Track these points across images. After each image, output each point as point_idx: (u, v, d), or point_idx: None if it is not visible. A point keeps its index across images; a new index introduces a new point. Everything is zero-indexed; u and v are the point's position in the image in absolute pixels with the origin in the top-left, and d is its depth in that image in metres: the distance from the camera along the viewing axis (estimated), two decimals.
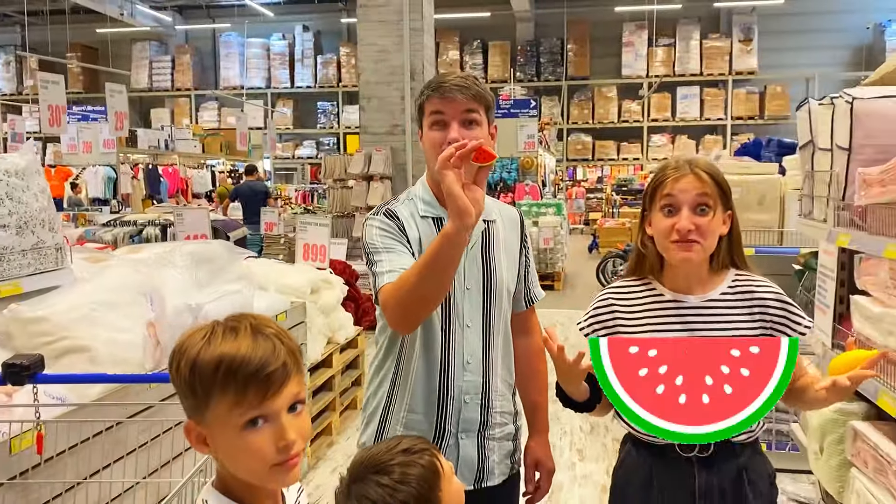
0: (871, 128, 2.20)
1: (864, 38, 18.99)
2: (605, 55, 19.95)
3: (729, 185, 1.61)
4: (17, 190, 2.32)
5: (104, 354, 2.28)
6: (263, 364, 0.98)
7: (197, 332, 1.02)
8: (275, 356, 1.00)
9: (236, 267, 3.67)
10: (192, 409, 1.02)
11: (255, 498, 1.05)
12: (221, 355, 0.97)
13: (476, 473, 1.70)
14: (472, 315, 1.72)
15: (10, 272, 2.30)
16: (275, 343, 1.01)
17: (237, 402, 0.98)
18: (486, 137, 1.69)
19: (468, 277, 1.72)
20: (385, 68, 8.01)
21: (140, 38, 22.17)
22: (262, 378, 0.99)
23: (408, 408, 1.71)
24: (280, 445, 0.99)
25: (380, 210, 1.76)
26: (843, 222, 2.24)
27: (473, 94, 1.67)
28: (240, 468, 1.02)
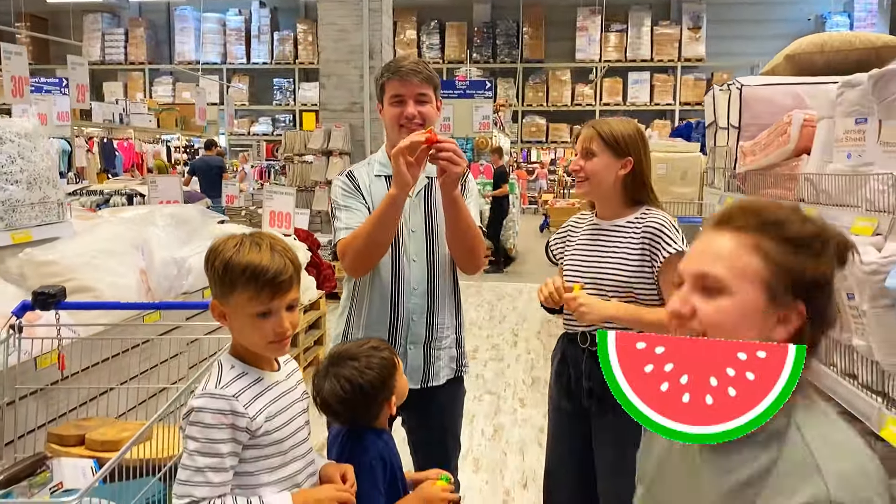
0: (756, 110, 2.67)
1: (805, 29, 19.75)
2: (559, 39, 20.39)
3: (624, 139, 2.08)
4: (27, 150, 2.64)
5: (106, 295, 2.63)
6: (276, 274, 1.39)
7: (230, 240, 1.43)
8: (285, 269, 1.41)
9: (211, 228, 4.02)
10: (219, 294, 1.42)
11: (257, 362, 1.47)
12: (248, 262, 1.38)
13: (422, 375, 2.13)
14: (418, 252, 2.15)
15: (21, 222, 2.63)
16: (285, 259, 1.42)
17: (253, 297, 1.39)
18: (433, 111, 2.14)
19: (413, 222, 2.15)
20: (344, 47, 8.31)
21: (92, 9, 21.82)
22: (275, 284, 1.39)
23: (365, 325, 2.14)
24: (277, 332, 1.41)
25: (343, 172, 2.24)
26: (732, 188, 2.71)
27: (425, 78, 2.11)
28: (246, 341, 1.44)
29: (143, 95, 21.37)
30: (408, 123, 2.07)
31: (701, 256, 1.09)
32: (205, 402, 1.36)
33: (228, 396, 1.37)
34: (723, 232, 1.08)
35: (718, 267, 1.06)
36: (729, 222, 1.08)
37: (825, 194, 1.97)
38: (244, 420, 1.36)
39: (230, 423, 1.35)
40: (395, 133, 2.10)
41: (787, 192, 2.28)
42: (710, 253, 1.08)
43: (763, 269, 1.05)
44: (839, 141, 1.89)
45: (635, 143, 2.09)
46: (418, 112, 2.08)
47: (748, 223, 1.06)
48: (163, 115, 16.10)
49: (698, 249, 1.11)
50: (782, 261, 1.04)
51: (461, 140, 12.35)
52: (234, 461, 1.37)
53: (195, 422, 1.35)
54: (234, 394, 1.37)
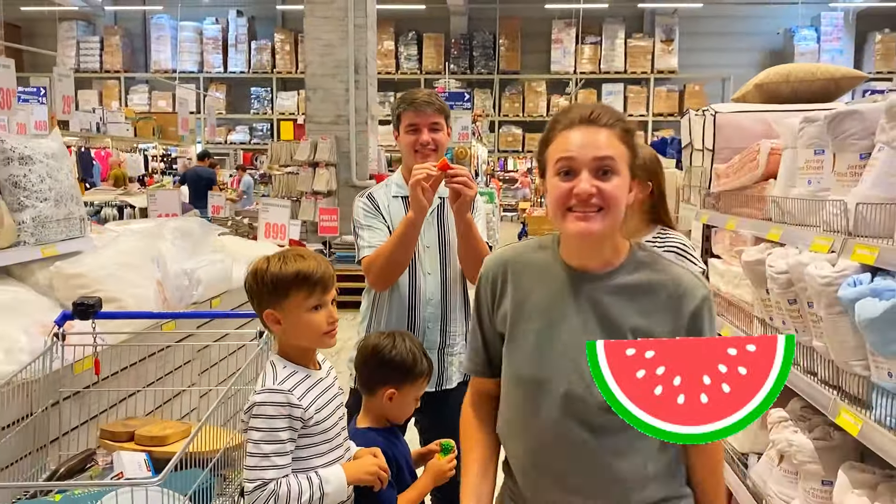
0: (728, 135, 2.93)
1: (775, 42, 20.34)
2: (535, 51, 20.76)
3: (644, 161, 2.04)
4: (54, 170, 2.83)
5: (130, 305, 2.81)
6: (322, 273, 1.67)
7: (270, 259, 1.71)
8: (327, 270, 1.70)
9: (212, 240, 4.20)
10: (272, 303, 1.67)
11: (304, 361, 1.70)
12: (298, 269, 1.65)
13: (437, 379, 2.35)
14: (432, 266, 2.39)
15: (49, 237, 2.81)
16: (323, 264, 1.72)
17: (308, 295, 1.67)
18: (445, 137, 2.41)
19: (428, 239, 2.39)
20: (330, 61, 8.52)
21: (67, 17, 21.75)
22: (323, 281, 1.68)
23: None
24: (329, 321, 1.70)
25: (363, 194, 2.50)
26: (707, 205, 2.98)
27: (437, 108, 2.38)
28: (303, 336, 1.70)
29: (118, 104, 21.33)
30: (422, 149, 2.32)
31: (593, 147, 1.36)
32: (265, 398, 1.59)
33: (285, 391, 1.62)
34: (598, 129, 1.37)
35: (611, 153, 1.36)
36: (597, 121, 1.38)
37: (789, 215, 2.23)
38: (299, 411, 1.60)
39: (287, 414, 1.59)
40: (410, 158, 2.36)
41: (757, 211, 2.54)
42: (598, 144, 1.36)
43: (627, 154, 1.39)
44: (801, 169, 2.15)
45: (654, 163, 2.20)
46: (432, 139, 2.33)
47: (613, 121, 1.39)
48: (140, 123, 16.11)
49: (584, 142, 1.37)
50: (632, 147, 1.40)
51: None
52: (292, 447, 1.60)
53: (258, 414, 1.58)
54: (289, 388, 1.61)
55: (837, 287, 1.71)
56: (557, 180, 1.38)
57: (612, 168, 1.36)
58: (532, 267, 1.50)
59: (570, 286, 1.44)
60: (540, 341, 1.44)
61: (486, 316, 1.54)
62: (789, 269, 1.98)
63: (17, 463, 2.15)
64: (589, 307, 1.42)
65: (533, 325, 1.45)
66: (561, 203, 1.38)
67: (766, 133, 2.74)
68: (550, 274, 1.47)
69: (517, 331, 1.47)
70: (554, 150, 1.41)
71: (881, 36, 19.04)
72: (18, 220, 2.70)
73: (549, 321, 1.44)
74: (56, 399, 2.25)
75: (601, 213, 1.36)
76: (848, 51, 19.53)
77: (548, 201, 1.45)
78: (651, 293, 1.43)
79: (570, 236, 1.41)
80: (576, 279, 1.44)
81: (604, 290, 1.43)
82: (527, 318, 1.46)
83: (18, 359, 2.20)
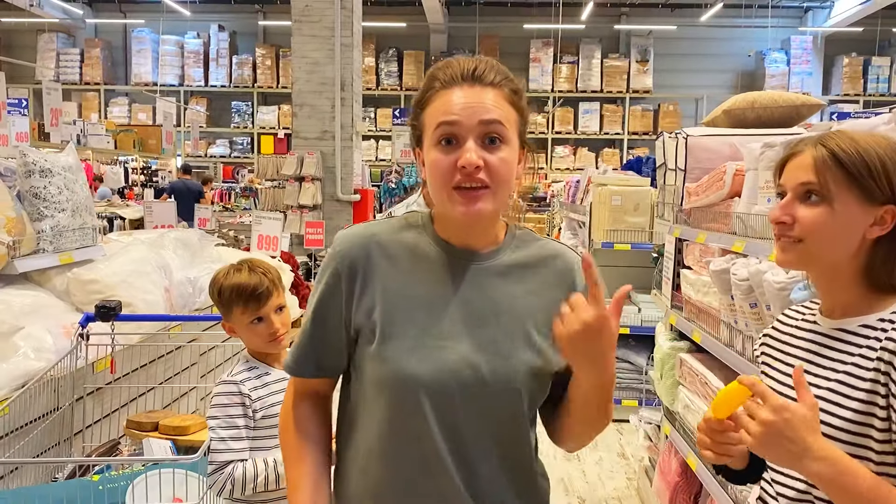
0: (698, 156, 3.19)
1: (747, 64, 20.89)
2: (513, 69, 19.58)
3: (886, 169, 1.18)
4: (71, 182, 3.01)
5: (141, 309, 2.99)
6: (255, 287, 1.88)
7: (222, 270, 1.94)
8: (261, 283, 1.89)
9: (210, 251, 4.39)
10: (224, 314, 1.91)
11: (269, 360, 1.94)
12: (233, 283, 1.88)
13: None
14: None
15: (66, 246, 2.99)
16: (259, 275, 1.90)
17: (244, 309, 1.88)
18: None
19: None
20: (317, 79, 8.73)
21: (47, 29, 21.75)
22: (256, 296, 1.88)
23: None
24: (270, 332, 1.90)
25: None
26: (679, 221, 3.23)
27: None
28: (251, 345, 1.93)
29: (98, 116, 21.32)
30: None
31: (479, 109, 1.17)
32: (220, 388, 1.84)
33: (237, 382, 1.84)
34: (483, 87, 1.20)
35: (500, 117, 1.19)
36: (482, 79, 1.20)
37: (751, 229, 2.48)
38: (248, 399, 1.83)
39: (241, 402, 1.82)
40: None
41: (723, 226, 2.79)
42: (485, 106, 1.18)
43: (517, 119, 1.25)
44: (761, 188, 2.40)
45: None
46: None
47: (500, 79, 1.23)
48: (120, 136, 16.16)
49: (468, 102, 1.17)
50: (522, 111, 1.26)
51: None
52: (248, 432, 1.82)
53: (215, 404, 1.82)
54: (240, 380, 1.84)
55: (790, 291, 1.95)
56: (437, 151, 1.18)
57: (501, 135, 1.18)
58: (402, 248, 1.26)
59: (451, 269, 1.24)
60: (422, 336, 1.21)
61: (338, 308, 1.26)
62: (750, 276, 2.22)
63: (44, 454, 2.32)
64: (476, 292, 1.24)
65: (411, 318, 1.22)
66: (446, 180, 1.17)
67: (732, 155, 3.00)
68: (426, 256, 1.26)
69: (391, 325, 1.22)
70: (432, 113, 1.20)
71: (848, 59, 19.69)
72: (38, 228, 2.87)
73: (430, 312, 1.23)
74: (80, 395, 2.43)
75: (488, 191, 1.17)
76: (817, 73, 20.15)
77: (428, 177, 1.21)
78: (538, 269, 1.29)
79: (455, 218, 1.21)
80: (457, 261, 1.25)
81: (491, 271, 1.26)
82: (402, 310, 1.23)
83: (46, 357, 2.38)
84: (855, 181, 1.17)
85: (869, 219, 1.18)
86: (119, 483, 1.87)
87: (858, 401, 1.15)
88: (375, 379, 1.23)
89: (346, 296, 1.25)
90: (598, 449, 4.83)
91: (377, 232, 1.28)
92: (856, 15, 17.97)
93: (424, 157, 1.23)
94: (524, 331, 1.24)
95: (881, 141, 1.20)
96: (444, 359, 1.20)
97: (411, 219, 1.31)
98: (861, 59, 19.73)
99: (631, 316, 5.04)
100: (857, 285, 1.21)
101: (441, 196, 1.19)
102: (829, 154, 1.19)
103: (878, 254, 1.19)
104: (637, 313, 5.06)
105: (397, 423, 1.22)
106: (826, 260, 1.21)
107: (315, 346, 1.30)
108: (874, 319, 1.18)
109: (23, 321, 2.51)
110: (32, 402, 2.21)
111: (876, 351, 1.14)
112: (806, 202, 1.20)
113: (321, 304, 1.28)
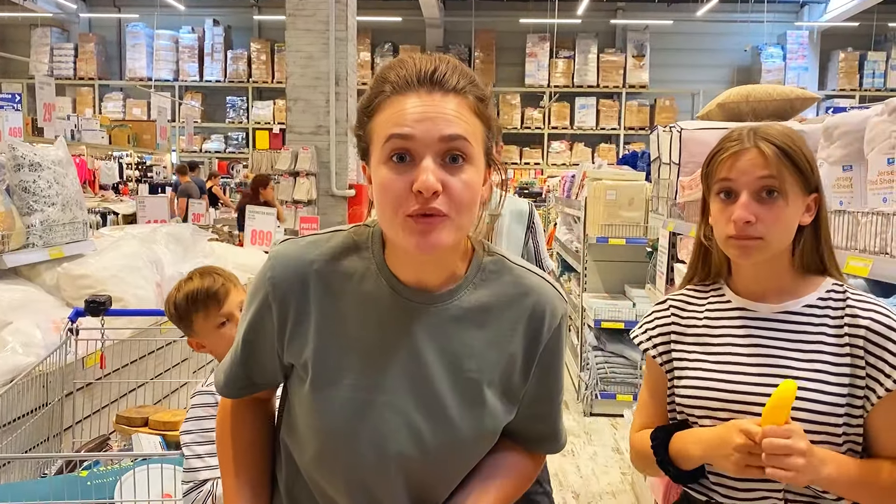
0: (693, 150, 3.18)
1: (743, 59, 20.89)
2: (509, 64, 21.10)
3: (814, 161, 1.30)
4: (61, 176, 2.98)
5: (132, 304, 2.98)
6: (209, 288, 1.80)
7: (171, 289, 1.86)
8: (214, 283, 1.81)
9: (202, 246, 4.37)
10: (186, 329, 1.83)
11: None
12: (187, 292, 1.80)
13: None
14: None
15: (56, 240, 2.96)
16: (214, 276, 1.84)
17: (206, 315, 1.79)
18: None
19: None
20: (311, 73, 8.70)
21: (40, 23, 21.65)
22: (213, 295, 1.80)
23: None
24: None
25: None
26: (673, 215, 3.22)
27: None
28: (222, 352, 1.77)
29: (92, 111, 21.25)
30: None
31: (439, 121, 0.99)
32: (196, 399, 1.74)
33: (213, 392, 1.70)
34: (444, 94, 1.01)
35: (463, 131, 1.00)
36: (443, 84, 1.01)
37: None
38: None
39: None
40: None
41: None
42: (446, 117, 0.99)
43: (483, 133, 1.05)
44: None
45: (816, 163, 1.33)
46: None
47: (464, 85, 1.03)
48: (115, 131, 16.13)
49: (425, 113, 0.98)
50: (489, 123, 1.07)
51: None
52: None
53: (189, 417, 1.71)
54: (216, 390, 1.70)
55: None
56: (388, 170, 0.98)
57: (464, 153, 0.98)
58: (344, 281, 1.08)
59: (399, 312, 1.06)
60: (360, 389, 1.06)
61: (270, 337, 1.12)
62: None
63: (33, 450, 2.30)
64: (426, 342, 1.07)
65: (349, 365, 1.07)
66: (398, 206, 0.97)
67: None
68: (372, 292, 1.07)
69: (325, 371, 1.07)
70: (382, 123, 1.00)
71: (844, 54, 19.70)
72: (28, 223, 2.85)
73: (370, 361, 1.06)
74: (70, 390, 2.41)
75: (447, 220, 0.97)
76: (813, 68, 20.16)
77: (376, 200, 1.01)
78: (503, 312, 1.10)
79: (406, 250, 1.01)
80: (407, 302, 1.07)
81: (445, 316, 1.07)
82: (338, 355, 1.07)
83: (35, 352, 2.36)
84: (800, 174, 1.25)
85: (803, 207, 1.28)
86: (107, 479, 1.85)
87: (840, 378, 1.23)
88: (306, 423, 1.10)
89: (278, 328, 1.10)
90: (592, 443, 4.82)
91: (316, 259, 1.08)
92: (852, 10, 17.96)
93: (371, 175, 1.03)
94: (477, 390, 1.08)
95: (793, 133, 1.30)
96: (382, 419, 1.05)
97: (359, 237, 1.11)
98: (857, 54, 19.73)
99: (625, 311, 5.04)
100: (790, 269, 1.29)
101: (391, 224, 0.99)
102: (778, 149, 1.24)
103: (806, 239, 1.29)
104: (632, 308, 5.06)
105: (326, 469, 1.10)
106: (775, 252, 1.27)
107: (247, 368, 1.17)
108: (815, 299, 1.28)
109: (11, 316, 2.49)
110: (21, 397, 2.20)
111: (842, 328, 1.25)
112: (762, 199, 1.24)
113: (251, 329, 1.14)
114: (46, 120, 9.03)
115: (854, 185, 2.13)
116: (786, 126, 1.34)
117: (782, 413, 1.13)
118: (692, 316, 1.38)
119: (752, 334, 1.29)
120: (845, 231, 2.01)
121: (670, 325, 1.39)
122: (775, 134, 1.28)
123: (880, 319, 1.23)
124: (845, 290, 1.29)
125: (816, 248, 1.32)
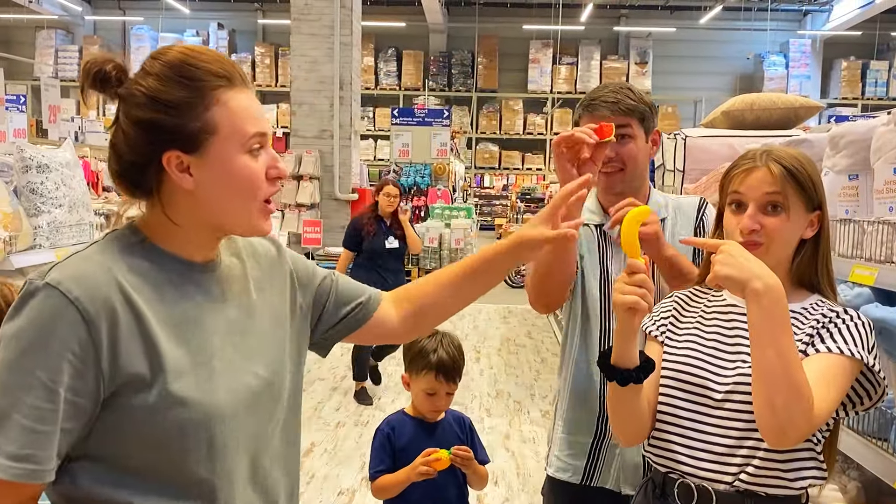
0: (697, 157, 3.19)
1: (746, 66, 20.94)
2: (512, 70, 21.16)
3: (817, 181, 1.42)
4: (68, 178, 2.99)
5: None
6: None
7: None
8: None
9: None
10: None
11: None
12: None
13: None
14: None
15: (63, 242, 2.97)
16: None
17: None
18: (640, 149, 1.79)
19: (616, 272, 1.82)
20: (315, 77, 8.74)
21: (45, 25, 21.74)
22: None
23: (574, 363, 1.91)
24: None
25: None
26: None
27: (624, 109, 1.73)
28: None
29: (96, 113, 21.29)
30: (604, 167, 1.70)
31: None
32: None
33: None
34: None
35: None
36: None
37: None
38: None
39: None
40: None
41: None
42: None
43: None
44: None
45: (822, 185, 1.45)
46: (616, 152, 1.74)
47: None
48: None
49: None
50: None
51: (420, 166, 12.82)
52: None
53: None
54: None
55: None
56: (248, 159, 1.10)
57: None
58: (145, 273, 1.08)
59: (194, 284, 1.13)
60: (197, 363, 1.08)
61: (94, 370, 1.00)
62: None
63: None
64: (222, 300, 1.15)
65: (201, 345, 1.09)
66: (257, 188, 1.10)
67: (731, 156, 2.99)
68: (167, 276, 1.10)
69: (166, 362, 1.04)
70: (227, 114, 1.10)
71: (846, 63, 19.74)
72: (35, 224, 2.86)
73: (192, 334, 1.09)
74: None
75: None
76: (815, 76, 20.20)
77: (225, 189, 1.09)
78: (260, 261, 1.26)
79: (250, 231, 1.15)
80: (196, 273, 1.14)
81: (221, 277, 1.17)
82: (168, 341, 1.06)
83: None
84: (804, 192, 1.39)
85: (806, 223, 1.41)
86: None
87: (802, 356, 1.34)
88: (161, 428, 1.04)
89: (107, 347, 1.00)
90: None
91: (112, 263, 1.05)
92: (854, 19, 18.01)
93: (231, 161, 1.10)
94: (282, 330, 1.26)
95: (802, 156, 1.43)
96: (244, 382, 1.14)
97: (123, 239, 1.10)
98: (859, 63, 19.78)
99: None
100: (787, 279, 1.40)
101: (250, 207, 1.11)
102: (784, 170, 1.38)
103: (805, 253, 1.43)
104: None
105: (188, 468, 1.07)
106: (776, 260, 1.38)
107: (63, 429, 0.99)
108: (798, 307, 1.41)
109: None
110: None
111: (809, 322, 1.39)
112: (767, 212, 1.38)
113: (58, 372, 0.98)
114: (52, 122, 9.02)
115: (860, 194, 2.14)
116: (797, 150, 1.47)
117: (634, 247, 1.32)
118: (692, 308, 1.53)
119: (738, 326, 1.42)
120: (851, 240, 2.02)
121: (671, 311, 1.54)
122: (785, 156, 1.40)
123: (847, 311, 1.40)
124: (825, 303, 1.43)
125: (814, 262, 1.44)
